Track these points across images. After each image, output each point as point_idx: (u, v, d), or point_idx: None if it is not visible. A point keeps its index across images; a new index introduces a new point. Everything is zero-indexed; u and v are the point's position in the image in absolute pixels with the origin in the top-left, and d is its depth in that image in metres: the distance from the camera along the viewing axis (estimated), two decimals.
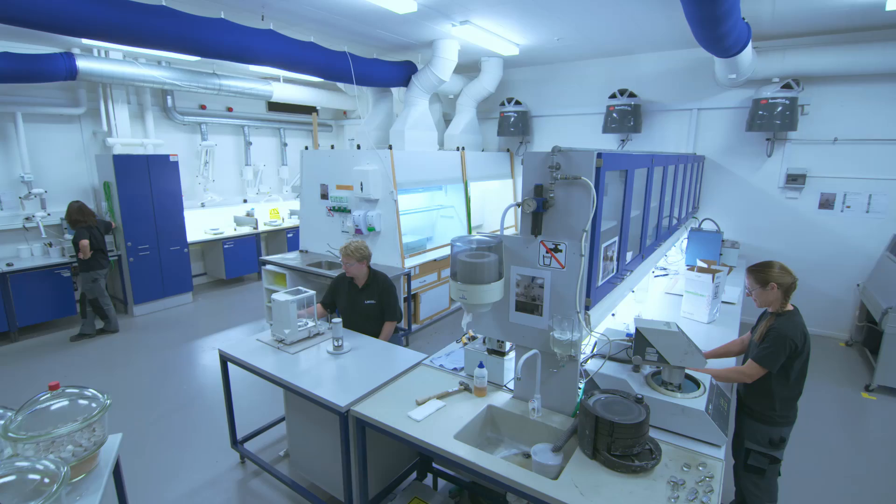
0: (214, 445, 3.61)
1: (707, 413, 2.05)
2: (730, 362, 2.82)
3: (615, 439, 1.87)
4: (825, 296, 5.67)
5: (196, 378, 4.73)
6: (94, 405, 1.90)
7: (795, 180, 5.60)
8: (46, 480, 1.54)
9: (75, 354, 5.20)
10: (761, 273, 2.47)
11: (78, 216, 5.42)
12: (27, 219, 5.93)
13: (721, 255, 4.70)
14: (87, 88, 6.26)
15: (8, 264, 5.48)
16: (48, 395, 1.89)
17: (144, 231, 6.39)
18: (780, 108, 5.20)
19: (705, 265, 3.74)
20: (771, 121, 5.27)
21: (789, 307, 2.44)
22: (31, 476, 1.56)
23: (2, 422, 1.78)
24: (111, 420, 1.99)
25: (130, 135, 6.58)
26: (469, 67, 7.00)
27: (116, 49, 5.82)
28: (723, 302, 3.78)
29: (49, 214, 6.06)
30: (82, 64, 5.30)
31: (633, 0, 4.32)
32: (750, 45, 4.61)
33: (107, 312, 5.70)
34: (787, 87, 5.17)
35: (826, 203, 5.55)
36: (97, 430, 1.90)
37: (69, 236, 5.99)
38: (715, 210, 6.07)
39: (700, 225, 5.25)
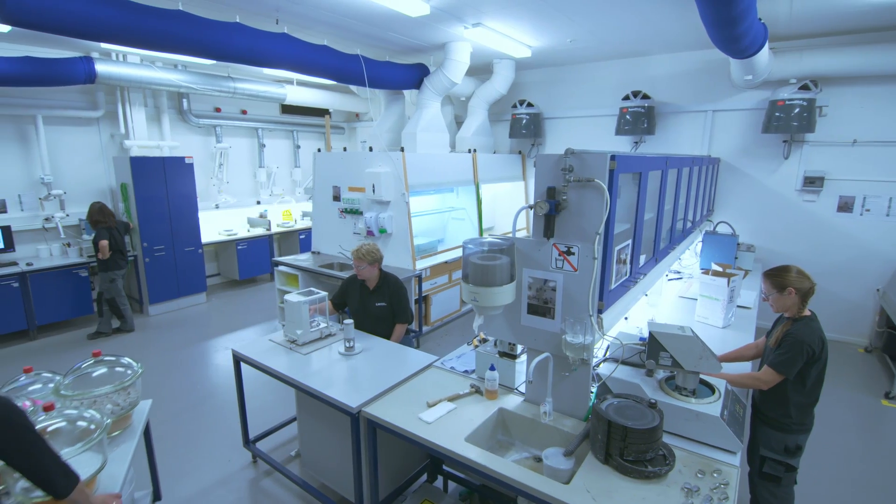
0: (227, 444, 3.64)
1: (722, 419, 2.02)
2: (744, 367, 2.77)
3: (628, 444, 1.85)
4: (844, 301, 5.56)
5: (209, 377, 4.78)
6: (128, 372, 2.30)
7: (813, 183, 5.50)
8: (92, 427, 1.85)
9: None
10: (778, 278, 2.42)
11: (99, 217, 5.52)
12: (46, 219, 6.05)
13: (736, 258, 4.64)
14: (105, 91, 6.37)
15: (28, 264, 5.59)
16: (91, 362, 2.30)
17: (160, 232, 6.48)
18: (797, 110, 5.12)
19: (720, 269, 3.69)
20: (788, 122, 5.19)
21: (807, 312, 2.40)
22: (80, 423, 1.86)
23: (52, 384, 2.12)
24: None
25: (147, 137, 6.70)
26: (481, 70, 7.01)
27: (134, 53, 5.93)
28: (738, 306, 3.73)
29: (68, 215, 6.17)
30: (101, 68, 5.41)
31: (646, 1, 4.29)
32: (766, 45, 4.55)
33: (123, 312, 5.79)
34: (804, 88, 5.09)
35: (845, 206, 5.45)
36: (131, 393, 2.29)
37: (87, 237, 6.10)
38: (730, 213, 5.99)
39: (715, 228, 5.18)
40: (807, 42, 5.31)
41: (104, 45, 5.45)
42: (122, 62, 5.78)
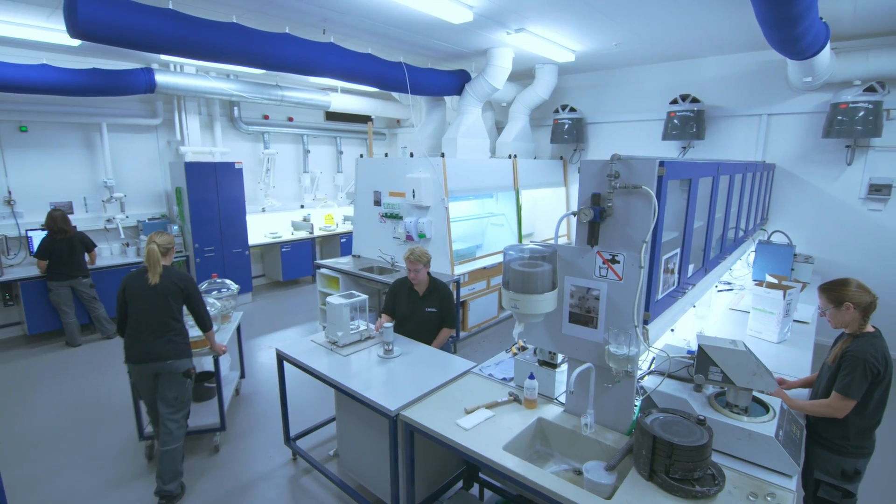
0: (269, 441, 3.74)
1: (777, 440, 1.90)
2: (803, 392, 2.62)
3: (674, 461, 1.77)
4: None
5: (253, 375, 4.94)
6: (231, 289, 4.31)
7: (879, 191, 5.15)
8: (213, 309, 3.73)
9: None
10: (835, 292, 2.29)
11: (51, 223, 5.32)
12: (108, 220, 6.45)
13: (793, 269, 4.39)
14: (163, 101, 6.75)
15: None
16: (207, 283, 4.25)
17: (210, 233, 6.77)
18: (862, 113, 4.81)
19: (776, 280, 3.51)
20: (851, 126, 4.88)
21: (869, 328, 2.24)
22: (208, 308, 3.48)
23: None
24: None
25: (200, 143, 7.03)
26: (523, 75, 6.97)
27: (190, 64, 6.24)
28: (795, 321, 3.52)
29: (127, 217, 6.56)
30: (160, 78, 5.73)
31: (696, 2, 4.15)
32: (828, 45, 4.30)
33: (63, 326, 5.61)
34: (870, 90, 4.77)
35: None
36: (232, 301, 4.28)
37: (144, 237, 6.45)
38: (786, 222, 5.68)
39: (769, 237, 4.93)
40: (873, 41, 4.99)
41: (163, 57, 5.78)
42: (179, 72, 6.10)
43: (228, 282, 4.33)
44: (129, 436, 3.80)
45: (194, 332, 3.41)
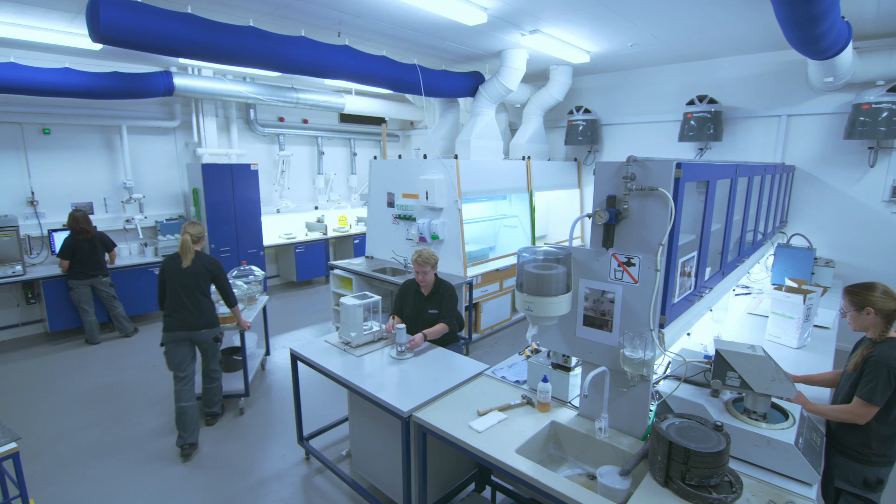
0: (282, 440, 3.77)
1: (797, 447, 1.86)
2: (821, 392, 2.56)
3: (690, 468, 1.75)
4: None
5: (267, 374, 4.98)
6: (256, 275, 4.82)
7: None
8: (239, 293, 4.31)
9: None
10: (858, 295, 2.24)
11: (73, 224, 5.45)
12: (127, 220, 6.56)
13: (813, 273, 4.30)
14: (181, 103, 6.85)
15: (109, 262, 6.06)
16: (237, 270, 4.79)
17: (226, 234, 6.86)
18: (885, 114, 4.69)
19: (795, 284, 3.44)
20: (874, 128, 4.77)
21: (892, 334, 2.19)
22: (234, 290, 4.03)
23: None
24: None
25: (217, 145, 7.13)
26: (537, 76, 6.94)
27: (208, 67, 6.33)
28: (815, 325, 3.45)
29: (146, 217, 6.68)
30: (179, 81, 5.82)
31: (714, 2, 4.09)
32: (850, 45, 4.21)
33: (83, 324, 5.69)
34: (893, 90, 4.66)
35: None
36: (258, 286, 4.79)
37: (162, 238, 6.55)
38: (806, 225, 5.57)
39: (789, 240, 4.84)
40: None
41: (182, 61, 5.87)
42: (196, 76, 6.20)
43: (255, 269, 4.90)
44: (156, 404, 4.13)
45: (224, 309, 4.03)
